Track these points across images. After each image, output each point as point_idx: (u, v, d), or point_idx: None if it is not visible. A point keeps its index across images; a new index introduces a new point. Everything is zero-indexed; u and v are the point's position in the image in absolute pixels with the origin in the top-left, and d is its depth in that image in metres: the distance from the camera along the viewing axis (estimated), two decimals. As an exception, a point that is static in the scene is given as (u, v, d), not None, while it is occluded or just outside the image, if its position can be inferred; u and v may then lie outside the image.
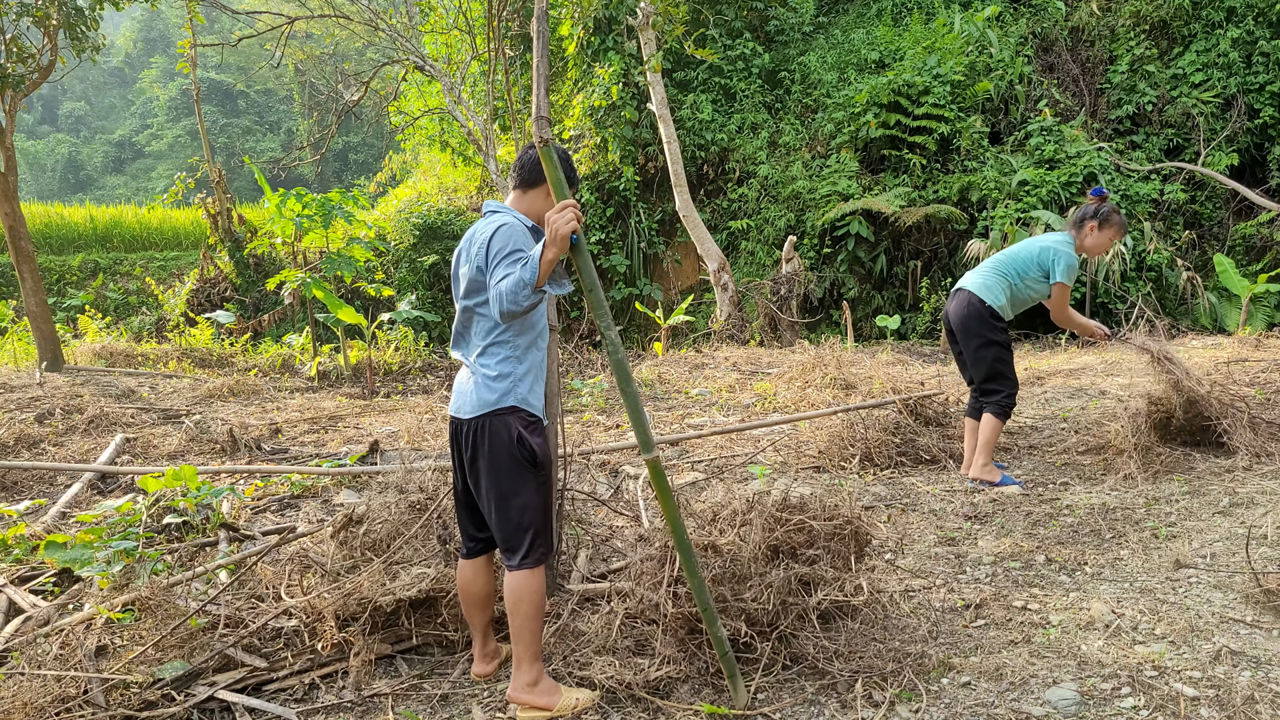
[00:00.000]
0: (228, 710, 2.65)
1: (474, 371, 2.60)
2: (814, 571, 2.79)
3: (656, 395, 7.90)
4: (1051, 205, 11.46)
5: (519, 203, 2.68)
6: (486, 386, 2.57)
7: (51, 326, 9.46)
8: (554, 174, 2.30)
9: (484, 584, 2.79)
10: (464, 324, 2.70)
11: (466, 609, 2.82)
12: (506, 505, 2.58)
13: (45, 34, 9.29)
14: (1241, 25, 12.17)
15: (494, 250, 2.46)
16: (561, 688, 2.64)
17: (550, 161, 2.28)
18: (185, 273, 18.30)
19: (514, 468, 2.56)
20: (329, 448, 6.24)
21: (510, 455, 2.55)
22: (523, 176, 2.67)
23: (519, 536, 2.58)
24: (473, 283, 2.57)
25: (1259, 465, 4.56)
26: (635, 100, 14.10)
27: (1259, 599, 3.02)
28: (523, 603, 2.56)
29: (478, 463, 2.59)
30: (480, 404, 2.57)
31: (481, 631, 2.84)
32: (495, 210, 2.64)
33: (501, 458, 2.56)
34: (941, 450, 5.13)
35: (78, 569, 3.36)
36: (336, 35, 18.20)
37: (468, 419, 2.59)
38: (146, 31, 51.08)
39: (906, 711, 2.52)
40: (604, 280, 14.50)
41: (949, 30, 13.28)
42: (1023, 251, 4.64)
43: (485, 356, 2.59)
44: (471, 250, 2.58)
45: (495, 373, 2.57)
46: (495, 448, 2.55)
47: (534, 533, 2.59)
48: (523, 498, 2.58)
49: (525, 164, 2.66)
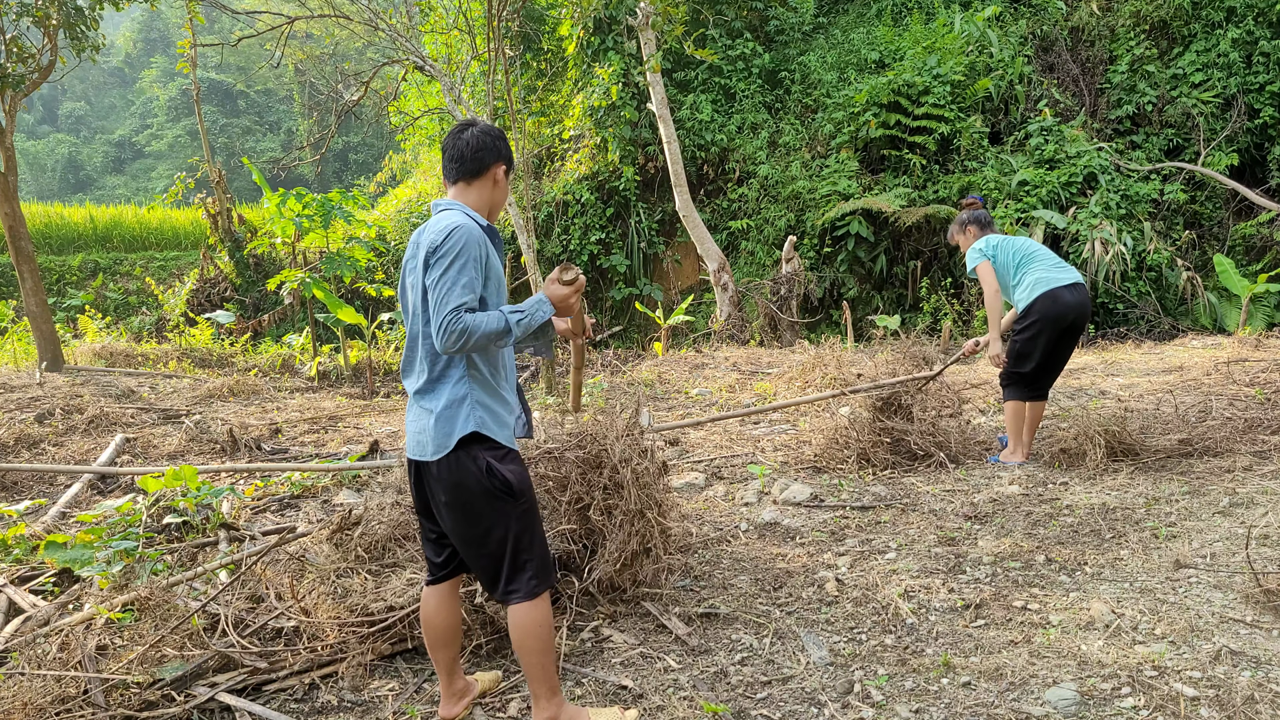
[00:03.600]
0: (228, 710, 2.65)
1: (427, 405, 2.32)
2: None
3: (657, 395, 7.90)
4: (1051, 205, 11.46)
5: (464, 195, 2.40)
6: (444, 419, 2.28)
7: (51, 326, 9.46)
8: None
9: (448, 615, 2.50)
10: (414, 348, 2.39)
11: (430, 644, 2.52)
12: (488, 541, 2.32)
13: (45, 34, 9.29)
14: (1241, 25, 12.17)
15: (441, 253, 2.20)
16: (588, 712, 2.49)
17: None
18: (185, 273, 18.30)
19: (489, 502, 2.30)
20: (329, 448, 6.24)
21: (484, 491, 2.29)
22: (465, 167, 2.39)
23: (512, 571, 2.35)
24: (424, 300, 2.30)
25: (1259, 465, 4.56)
26: (635, 100, 14.10)
27: (1259, 599, 3.01)
28: (529, 638, 2.34)
29: (449, 506, 2.32)
30: (441, 442, 2.28)
31: (447, 669, 2.54)
32: (447, 208, 2.35)
33: (474, 495, 2.29)
34: (934, 445, 5.09)
35: (78, 569, 3.36)
36: (336, 35, 18.20)
37: (432, 461, 2.31)
38: (146, 31, 51.07)
39: (906, 711, 2.52)
40: (604, 280, 14.51)
41: (949, 30, 13.28)
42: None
43: (440, 383, 2.31)
44: (418, 259, 2.29)
45: (447, 400, 2.28)
46: (466, 485, 2.28)
47: (527, 563, 2.35)
48: (504, 529, 2.32)
49: (466, 153, 2.38)
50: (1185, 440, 4.94)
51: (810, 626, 3.10)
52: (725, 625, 3.14)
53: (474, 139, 2.39)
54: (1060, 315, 4.67)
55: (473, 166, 2.39)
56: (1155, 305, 10.86)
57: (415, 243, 2.33)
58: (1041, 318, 4.70)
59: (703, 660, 2.89)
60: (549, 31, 15.76)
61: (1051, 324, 4.70)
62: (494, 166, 2.43)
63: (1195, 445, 4.89)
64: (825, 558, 3.74)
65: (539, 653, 2.35)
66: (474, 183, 2.41)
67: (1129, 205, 11.44)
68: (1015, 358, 4.88)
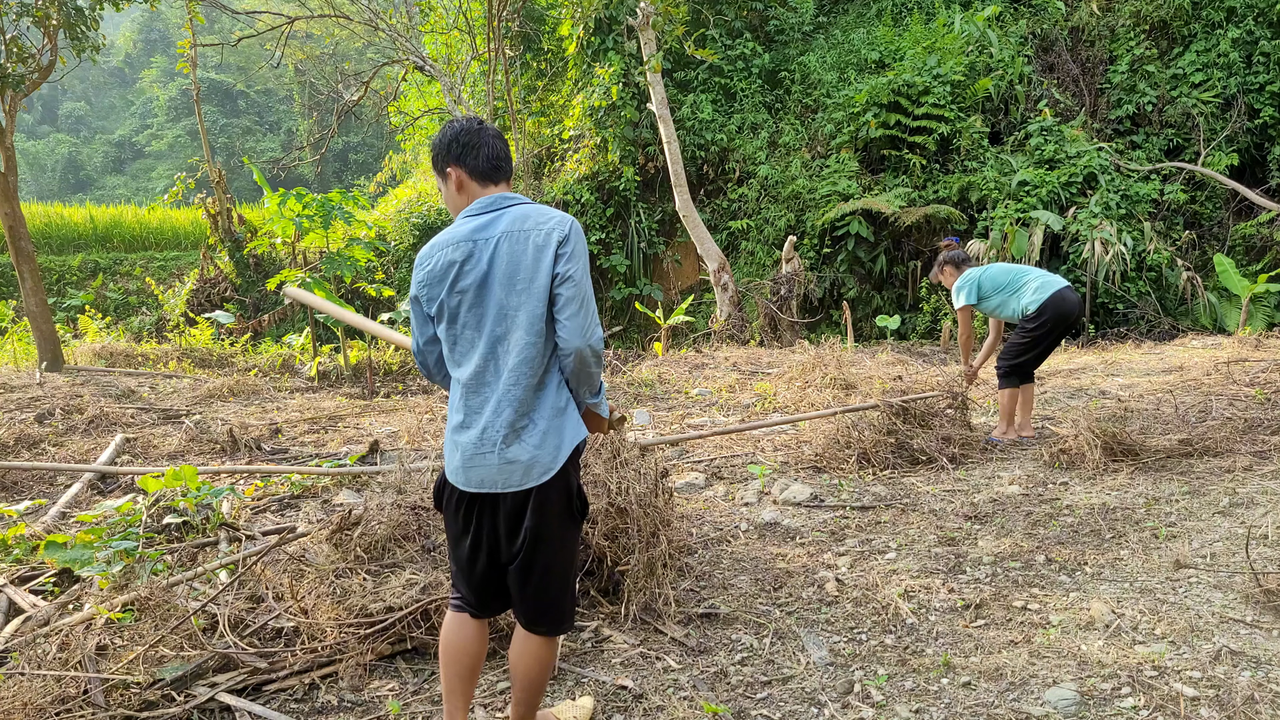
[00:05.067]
0: (228, 710, 2.65)
1: (524, 418, 2.05)
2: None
3: (657, 395, 7.90)
4: (1051, 205, 11.46)
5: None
6: (554, 430, 2.05)
7: (51, 326, 9.46)
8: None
9: (484, 641, 2.30)
10: (500, 353, 2.06)
11: (459, 677, 2.25)
12: (569, 573, 2.18)
13: (45, 34, 9.29)
14: (1241, 25, 12.17)
15: (577, 251, 2.04)
16: (552, 713, 2.48)
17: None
18: (185, 273, 18.30)
19: (565, 525, 2.13)
20: (329, 448, 6.24)
21: (567, 512, 2.12)
22: (509, 168, 2.23)
23: (568, 600, 2.21)
24: (546, 289, 2.04)
25: (1259, 465, 4.56)
26: (635, 100, 14.10)
27: (1259, 599, 3.01)
28: (545, 670, 2.23)
29: (537, 534, 2.07)
30: (553, 458, 2.04)
31: (465, 706, 2.30)
32: (527, 201, 2.16)
33: (560, 517, 2.10)
34: (939, 451, 5.12)
35: (78, 569, 3.35)
36: (336, 35, 18.21)
37: (535, 486, 2.04)
38: (146, 31, 51.05)
39: (906, 711, 2.52)
40: (604, 280, 14.52)
41: (949, 30, 13.28)
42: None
43: (543, 391, 2.07)
44: (546, 247, 2.03)
45: (552, 407, 2.07)
46: (559, 512, 2.09)
47: (573, 594, 2.24)
48: (570, 555, 2.19)
49: (504, 153, 2.21)
50: (1185, 440, 4.95)
51: (810, 626, 3.10)
52: (725, 625, 3.14)
53: (500, 140, 2.21)
54: (1068, 312, 5.26)
55: (510, 168, 2.24)
56: (1155, 305, 10.87)
57: (518, 230, 2.06)
58: (1054, 315, 5.24)
59: (703, 660, 2.89)
60: (549, 31, 15.77)
61: (1061, 320, 5.27)
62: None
63: (1195, 445, 4.90)
64: (825, 558, 3.74)
65: (544, 683, 2.27)
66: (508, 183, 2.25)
67: (1129, 205, 11.45)
68: (1022, 350, 5.38)
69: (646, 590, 3.17)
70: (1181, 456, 4.82)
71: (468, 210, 2.16)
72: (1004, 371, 5.47)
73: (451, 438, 2.13)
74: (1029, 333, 5.32)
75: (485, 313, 2.06)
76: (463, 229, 2.12)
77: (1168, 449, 4.87)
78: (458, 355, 2.12)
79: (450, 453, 2.13)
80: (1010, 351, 5.43)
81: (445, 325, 2.12)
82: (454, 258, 2.08)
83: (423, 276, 2.13)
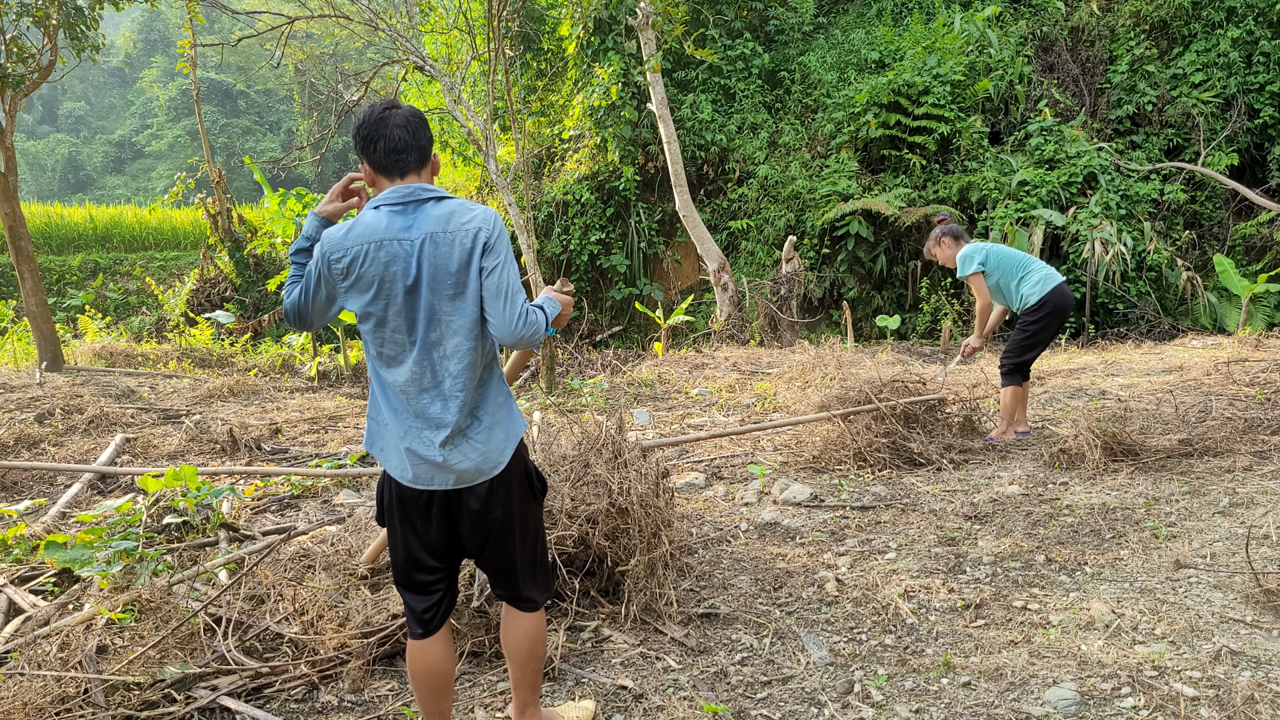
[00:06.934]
0: (228, 712, 2.65)
1: (470, 416, 2.09)
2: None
3: (657, 395, 7.90)
4: (1051, 205, 11.46)
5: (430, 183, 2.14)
6: (502, 423, 2.13)
7: (51, 326, 9.46)
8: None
9: (450, 659, 2.27)
10: (436, 357, 2.06)
11: (432, 696, 2.24)
12: (523, 548, 2.22)
13: (45, 34, 9.29)
14: (1241, 25, 12.16)
15: (500, 242, 2.04)
16: (556, 712, 2.50)
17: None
18: (185, 273, 18.30)
19: (527, 505, 2.21)
20: (329, 448, 6.24)
21: (528, 494, 2.22)
22: (427, 154, 2.12)
23: (545, 573, 2.30)
24: (478, 293, 2.04)
25: (1259, 465, 4.56)
26: (635, 100, 14.09)
27: (1259, 599, 3.02)
28: (539, 645, 2.28)
29: (501, 522, 2.15)
30: (503, 449, 2.12)
31: (447, 717, 2.31)
32: (448, 195, 2.09)
33: (521, 500, 2.19)
34: (937, 453, 5.12)
35: (78, 569, 3.35)
36: (336, 35, 18.20)
37: (493, 477, 2.11)
38: (146, 31, 51.05)
39: (906, 711, 2.52)
40: (604, 280, 14.51)
41: (949, 30, 13.28)
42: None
43: (485, 387, 2.13)
44: (469, 247, 2.01)
45: (493, 402, 2.13)
46: (516, 491, 2.17)
47: (545, 567, 2.31)
48: (535, 532, 2.26)
49: (424, 139, 2.10)
50: (1185, 440, 4.95)
51: (810, 626, 3.10)
52: (725, 625, 3.14)
53: (416, 119, 2.07)
54: (1066, 307, 5.31)
55: (421, 154, 2.10)
56: (1155, 305, 10.87)
57: (442, 232, 2.01)
58: (1055, 308, 5.25)
59: (703, 660, 2.89)
60: (549, 31, 15.76)
61: (1059, 314, 5.30)
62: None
63: (1195, 445, 4.90)
64: (825, 558, 3.74)
65: (541, 659, 2.33)
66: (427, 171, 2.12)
67: (1129, 205, 11.44)
68: (1027, 347, 5.38)
69: (647, 590, 3.17)
70: (1181, 456, 4.82)
71: (380, 198, 2.06)
72: (1008, 369, 5.45)
73: (396, 443, 2.08)
74: (1029, 326, 5.32)
75: (416, 317, 2.04)
76: (378, 223, 2.02)
77: (1168, 449, 4.87)
78: (386, 357, 2.08)
79: (394, 455, 2.09)
80: (1015, 349, 5.41)
81: (372, 326, 2.07)
82: (378, 258, 2.00)
83: (339, 269, 2.03)
